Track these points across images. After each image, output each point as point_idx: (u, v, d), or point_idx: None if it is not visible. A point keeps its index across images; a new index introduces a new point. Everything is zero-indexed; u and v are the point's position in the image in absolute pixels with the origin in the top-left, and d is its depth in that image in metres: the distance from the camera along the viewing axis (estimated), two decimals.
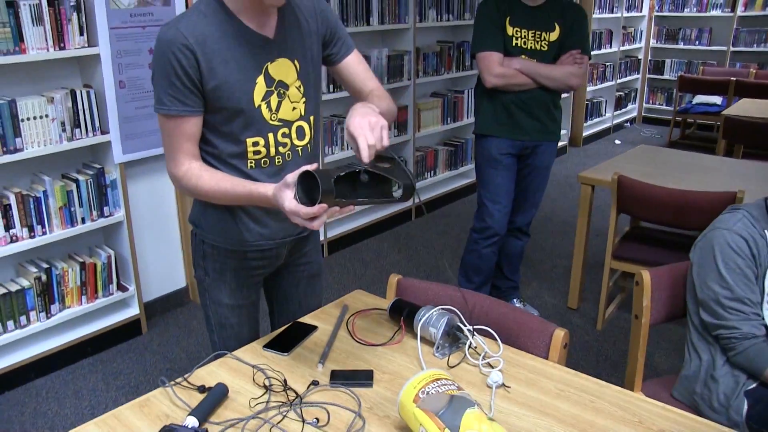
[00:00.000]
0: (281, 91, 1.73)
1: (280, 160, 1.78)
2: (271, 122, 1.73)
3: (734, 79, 7.02)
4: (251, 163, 1.75)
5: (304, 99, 1.79)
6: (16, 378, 3.13)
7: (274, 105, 1.72)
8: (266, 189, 1.57)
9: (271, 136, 1.74)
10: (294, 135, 1.79)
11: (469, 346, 1.70)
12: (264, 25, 1.69)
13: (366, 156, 1.47)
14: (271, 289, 2.08)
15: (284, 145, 1.77)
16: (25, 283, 3.09)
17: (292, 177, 1.46)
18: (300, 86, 1.77)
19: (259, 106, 1.70)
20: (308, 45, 1.78)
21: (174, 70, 1.59)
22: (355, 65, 1.92)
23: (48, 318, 3.18)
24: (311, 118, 1.83)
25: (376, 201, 1.52)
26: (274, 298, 2.09)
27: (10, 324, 3.05)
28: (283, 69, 1.73)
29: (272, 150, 1.76)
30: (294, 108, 1.77)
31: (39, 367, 3.21)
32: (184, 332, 3.62)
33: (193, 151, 1.71)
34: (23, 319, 3.09)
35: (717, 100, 7.54)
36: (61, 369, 3.28)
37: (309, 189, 1.44)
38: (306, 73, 1.79)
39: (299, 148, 1.81)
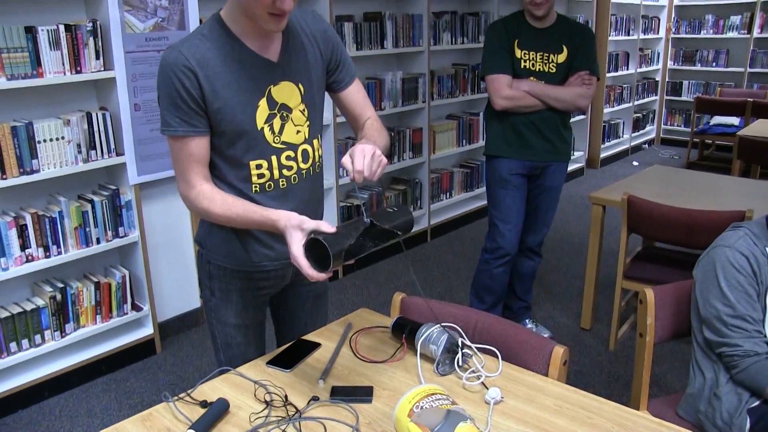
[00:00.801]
0: (284, 114, 1.75)
1: (285, 183, 1.80)
2: (274, 145, 1.75)
3: (751, 100, 6.99)
4: (255, 187, 1.77)
5: (308, 122, 1.81)
6: (30, 397, 3.17)
7: (277, 128, 1.74)
8: (278, 217, 1.57)
9: (274, 158, 1.76)
10: (300, 158, 1.81)
11: (466, 364, 1.71)
12: (267, 48, 1.71)
13: (356, 178, 1.57)
14: (277, 309, 2.09)
15: (289, 168, 1.79)
16: (40, 302, 3.14)
17: (309, 225, 1.51)
18: (304, 110, 1.79)
19: (262, 128, 1.72)
20: (313, 69, 1.81)
21: (178, 92, 1.62)
22: (356, 93, 1.95)
23: (62, 337, 3.22)
24: (315, 141, 1.85)
25: (380, 245, 1.58)
26: (280, 317, 2.11)
27: (25, 343, 3.10)
28: (287, 92, 1.75)
29: (276, 173, 1.77)
30: (298, 131, 1.79)
31: (53, 386, 3.24)
32: (198, 352, 3.65)
33: (203, 172, 1.72)
34: (38, 338, 3.14)
35: (734, 121, 7.51)
36: (74, 388, 3.32)
37: (318, 249, 1.48)
38: (310, 96, 1.81)
39: (304, 171, 1.83)
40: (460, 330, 1.77)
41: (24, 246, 3.03)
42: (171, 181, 3.60)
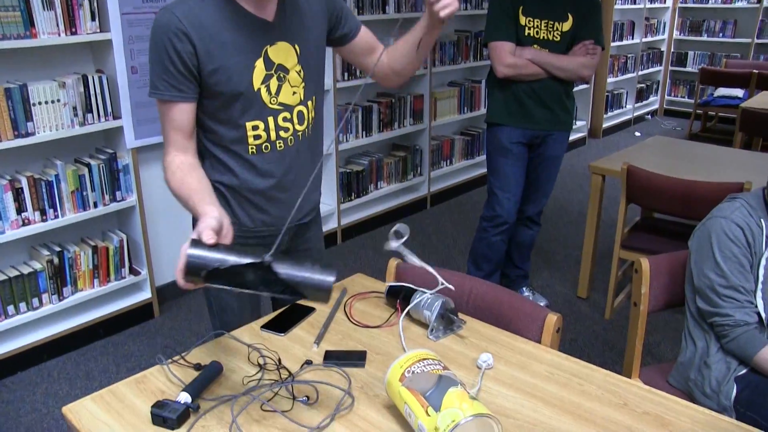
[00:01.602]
0: (281, 75, 1.73)
1: (282, 144, 1.79)
2: (270, 106, 1.74)
3: (756, 71, 6.92)
4: (252, 148, 1.76)
5: (303, 84, 1.79)
6: (29, 359, 3.19)
7: (273, 88, 1.73)
8: (203, 215, 1.48)
9: (270, 120, 1.75)
10: (295, 120, 1.80)
11: (459, 330, 1.71)
12: (263, 8, 1.69)
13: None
14: None
15: (286, 129, 1.78)
16: (37, 265, 3.14)
17: (199, 226, 1.39)
18: (300, 71, 1.77)
19: (259, 89, 1.71)
20: (310, 29, 1.79)
21: (169, 55, 1.60)
22: (367, 35, 1.94)
23: (60, 300, 3.23)
24: (310, 103, 1.83)
25: (275, 293, 1.32)
26: None
27: (23, 306, 3.11)
28: (283, 53, 1.73)
29: (272, 134, 1.77)
30: (294, 92, 1.78)
31: (51, 349, 3.26)
32: (195, 316, 3.66)
33: (182, 143, 1.70)
34: (35, 301, 3.15)
35: (739, 92, 7.44)
36: (73, 351, 3.34)
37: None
38: (307, 57, 1.79)
39: (300, 133, 1.82)
40: (450, 299, 1.77)
41: (20, 209, 3.02)
42: None
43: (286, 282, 1.29)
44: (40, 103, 2.97)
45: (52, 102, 3.01)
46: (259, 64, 1.70)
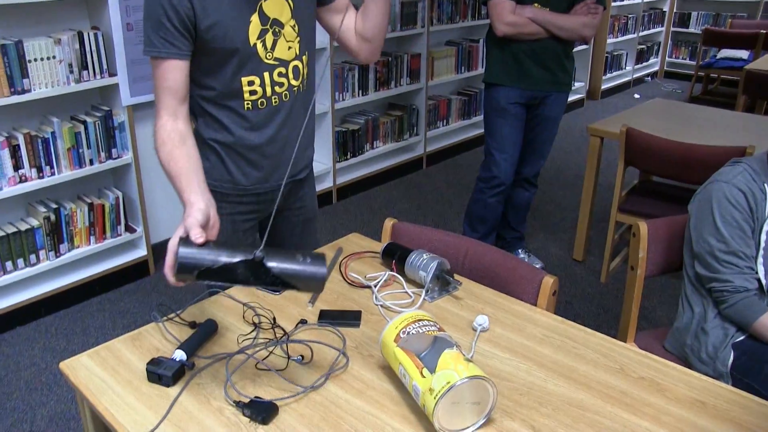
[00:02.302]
0: (276, 30, 1.71)
1: (277, 100, 1.78)
2: (266, 61, 1.72)
3: (764, 32, 6.80)
4: (248, 104, 1.75)
5: (298, 38, 1.77)
6: (27, 314, 3.21)
7: (269, 43, 1.71)
8: (188, 203, 1.44)
9: (266, 75, 1.73)
10: (291, 74, 1.78)
11: (455, 291, 1.72)
12: None
13: None
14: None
15: (281, 85, 1.77)
16: (34, 222, 3.14)
17: (188, 222, 1.34)
18: (294, 25, 1.75)
19: (255, 44, 1.68)
20: None
21: (165, 10, 1.57)
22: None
23: (57, 257, 3.23)
24: (305, 57, 1.82)
25: (267, 287, 1.36)
26: (269, 242, 2.10)
27: (21, 262, 3.11)
28: (277, 7, 1.70)
29: (268, 90, 1.75)
30: (289, 47, 1.76)
31: (48, 305, 3.27)
32: None
33: (174, 106, 1.63)
34: (33, 257, 3.15)
35: (743, 54, 7.35)
36: (69, 307, 3.35)
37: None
38: (300, 11, 1.76)
39: (295, 89, 1.81)
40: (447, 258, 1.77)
41: (17, 166, 3.00)
42: None
43: (279, 276, 1.28)
44: (35, 60, 2.93)
45: (48, 59, 2.97)
46: (255, 18, 1.67)
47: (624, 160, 3.29)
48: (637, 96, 7.98)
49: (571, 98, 7.18)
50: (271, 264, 1.28)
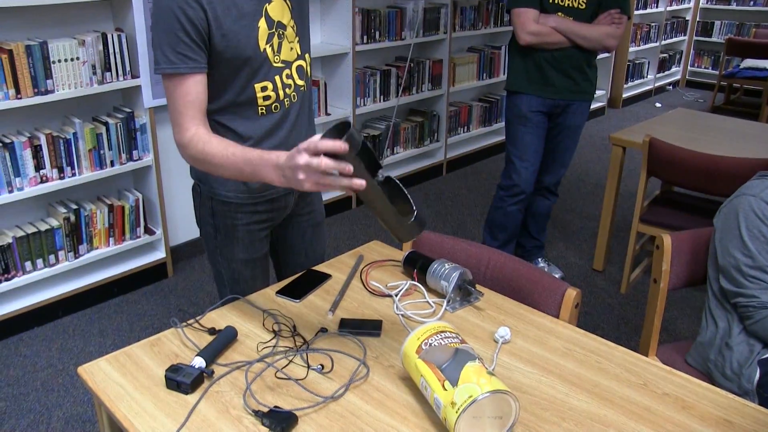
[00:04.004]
0: (281, 32, 1.70)
1: (288, 102, 1.78)
2: (275, 65, 1.71)
3: None
4: (262, 109, 1.74)
5: (298, 38, 1.77)
6: (45, 315, 3.22)
7: (276, 47, 1.70)
8: (277, 155, 1.43)
9: (277, 78, 1.73)
10: (295, 75, 1.78)
11: (476, 302, 1.70)
12: None
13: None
14: (277, 242, 2.06)
15: (289, 86, 1.77)
16: (54, 223, 3.15)
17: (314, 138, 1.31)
18: (294, 25, 1.75)
19: (264, 49, 1.68)
20: None
21: (182, 24, 1.54)
22: None
23: (76, 258, 3.24)
24: (307, 56, 1.82)
25: (387, 211, 1.35)
26: (280, 250, 2.08)
27: (40, 262, 3.13)
28: (279, 9, 1.70)
29: (281, 93, 1.75)
30: (291, 48, 1.75)
31: (67, 305, 3.29)
32: (209, 277, 3.67)
33: (200, 118, 1.62)
34: (52, 258, 3.16)
35: (767, 64, 7.28)
36: (87, 308, 3.36)
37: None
38: (298, 11, 1.77)
39: (302, 88, 1.81)
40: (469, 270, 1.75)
41: (38, 167, 3.02)
42: None
43: (400, 191, 1.36)
44: (59, 61, 2.95)
45: (72, 60, 2.98)
46: (262, 23, 1.66)
47: (647, 170, 3.26)
48: (658, 105, 7.92)
49: (593, 106, 7.14)
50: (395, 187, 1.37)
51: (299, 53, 1.78)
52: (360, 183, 1.28)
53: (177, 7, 1.53)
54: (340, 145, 1.25)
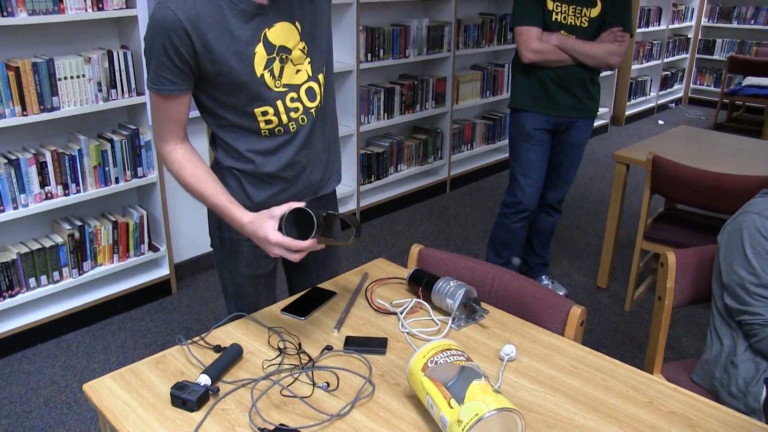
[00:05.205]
0: (284, 57, 1.68)
1: (294, 126, 1.75)
2: (276, 90, 1.69)
3: None
4: (265, 132, 1.73)
5: (308, 59, 1.73)
6: (49, 331, 3.22)
7: (277, 72, 1.68)
8: (242, 215, 1.61)
9: (279, 103, 1.70)
10: (304, 97, 1.74)
11: (482, 319, 1.70)
12: None
13: None
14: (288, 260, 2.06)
15: (296, 110, 1.73)
16: (58, 239, 3.15)
17: (279, 210, 1.51)
18: (304, 47, 1.71)
19: (262, 75, 1.66)
20: (308, 1, 1.72)
21: (166, 51, 1.56)
22: None
23: (80, 275, 3.25)
24: (320, 76, 1.77)
25: (338, 243, 1.64)
26: (291, 267, 2.09)
27: (44, 279, 3.13)
28: (284, 33, 1.67)
29: (284, 117, 1.72)
30: (298, 71, 1.72)
31: (70, 322, 3.28)
32: (213, 294, 3.67)
33: (180, 133, 1.72)
34: (56, 274, 3.16)
35: None
36: (91, 325, 3.36)
37: (294, 222, 1.50)
38: (310, 32, 1.72)
39: (312, 110, 1.77)
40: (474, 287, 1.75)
41: (43, 183, 3.03)
42: (191, 123, 3.55)
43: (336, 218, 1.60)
44: (65, 78, 2.97)
45: (78, 77, 3.00)
46: (259, 50, 1.64)
47: (650, 187, 3.26)
48: (661, 122, 7.94)
49: (596, 124, 7.14)
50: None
51: (310, 75, 1.74)
52: (320, 247, 1.53)
53: (164, 34, 1.55)
54: (310, 244, 1.49)
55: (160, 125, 1.70)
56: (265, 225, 1.51)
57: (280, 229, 1.49)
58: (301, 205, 1.47)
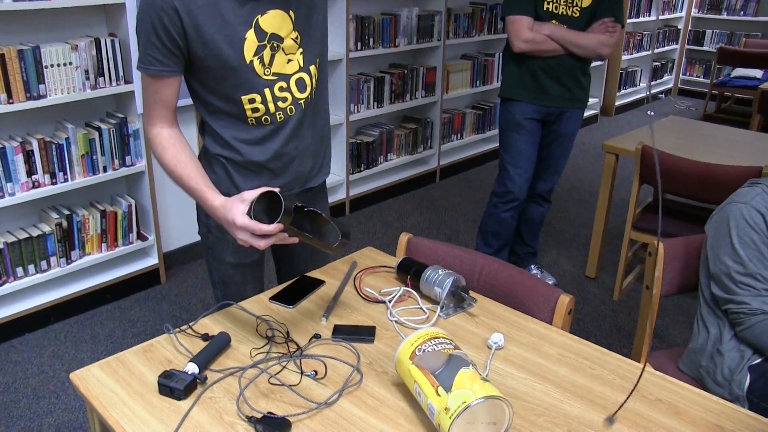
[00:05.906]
0: (275, 45, 1.66)
1: (282, 116, 1.73)
2: (264, 77, 1.67)
3: None
4: (251, 120, 1.72)
5: (301, 50, 1.71)
6: (37, 321, 3.20)
7: (267, 59, 1.66)
8: (214, 199, 1.57)
9: (267, 92, 1.69)
10: (294, 88, 1.73)
11: (470, 308, 1.70)
12: None
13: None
14: (278, 248, 2.06)
15: (284, 100, 1.72)
16: (46, 228, 3.14)
17: (249, 194, 1.46)
18: (297, 37, 1.69)
19: (251, 61, 1.64)
20: None
21: (155, 30, 1.56)
22: None
23: (68, 264, 3.23)
24: (312, 67, 1.76)
25: (316, 243, 1.52)
26: (280, 256, 2.08)
27: (31, 268, 3.11)
28: (276, 21, 1.65)
29: (271, 106, 1.71)
30: (289, 61, 1.70)
31: (58, 312, 3.27)
32: (201, 283, 3.66)
33: (167, 115, 1.70)
34: (44, 263, 3.15)
35: (758, 73, 7.33)
36: (79, 314, 3.35)
37: (266, 210, 1.44)
38: (304, 21, 1.71)
39: (302, 101, 1.76)
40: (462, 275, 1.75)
41: (30, 172, 3.01)
42: (180, 111, 3.54)
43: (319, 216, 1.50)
44: (52, 66, 2.94)
45: (64, 65, 2.98)
46: (250, 35, 1.62)
47: (639, 177, 3.27)
48: (651, 113, 7.96)
49: (585, 114, 7.16)
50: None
51: (301, 65, 1.73)
52: (293, 240, 1.48)
53: (155, 14, 1.55)
54: (275, 228, 1.40)
55: (149, 107, 1.69)
56: (234, 208, 1.46)
57: (249, 214, 1.44)
58: (275, 190, 1.43)
